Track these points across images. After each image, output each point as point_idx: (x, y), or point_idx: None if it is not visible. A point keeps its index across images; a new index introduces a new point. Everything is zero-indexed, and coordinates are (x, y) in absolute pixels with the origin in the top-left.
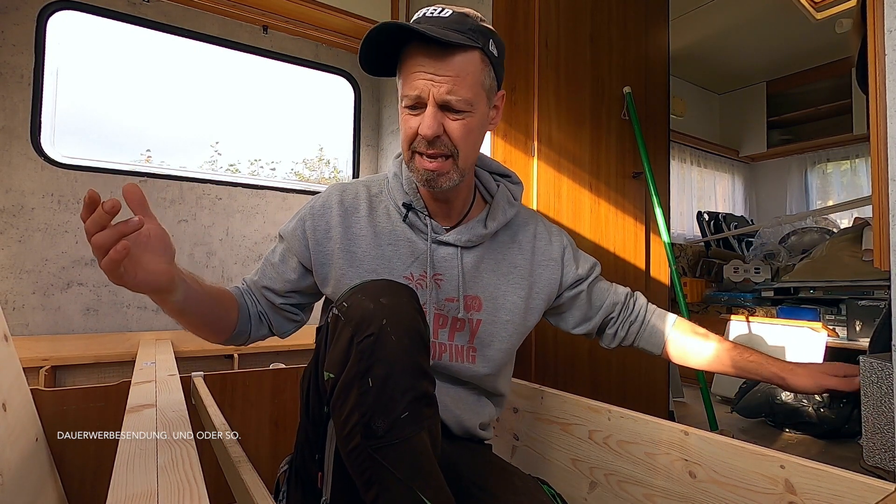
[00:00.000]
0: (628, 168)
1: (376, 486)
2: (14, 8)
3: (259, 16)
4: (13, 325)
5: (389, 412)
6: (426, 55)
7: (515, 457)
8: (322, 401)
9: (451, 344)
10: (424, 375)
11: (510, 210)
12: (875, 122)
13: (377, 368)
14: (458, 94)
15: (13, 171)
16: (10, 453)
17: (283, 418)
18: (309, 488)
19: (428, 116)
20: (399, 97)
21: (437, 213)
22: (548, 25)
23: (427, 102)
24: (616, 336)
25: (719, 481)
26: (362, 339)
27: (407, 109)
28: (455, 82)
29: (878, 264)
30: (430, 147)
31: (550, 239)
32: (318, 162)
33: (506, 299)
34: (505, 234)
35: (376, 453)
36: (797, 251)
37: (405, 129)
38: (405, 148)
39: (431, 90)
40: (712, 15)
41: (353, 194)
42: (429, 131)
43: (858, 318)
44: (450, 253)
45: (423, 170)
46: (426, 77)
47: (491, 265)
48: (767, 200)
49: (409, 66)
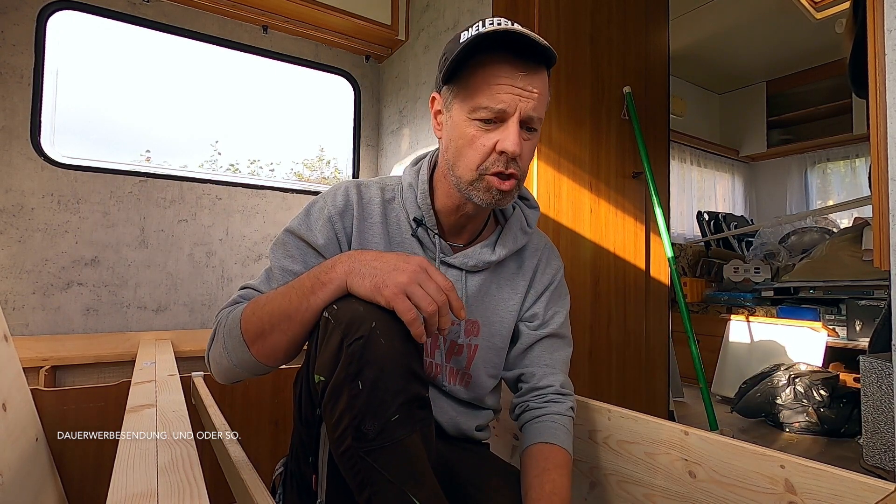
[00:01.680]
0: (628, 168)
1: (369, 488)
2: (14, 8)
3: (259, 16)
4: (13, 325)
5: (380, 415)
6: (516, 67)
7: (515, 457)
8: (314, 403)
9: (448, 366)
10: (416, 378)
11: (522, 238)
12: (875, 122)
13: (367, 371)
14: (539, 113)
15: (13, 171)
16: (10, 453)
17: (283, 418)
18: (304, 490)
19: (513, 133)
20: (461, 107)
21: (452, 230)
22: (548, 25)
23: (511, 118)
24: (518, 418)
25: (719, 481)
26: (352, 342)
27: (479, 123)
28: (539, 100)
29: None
30: (510, 167)
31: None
32: (318, 162)
33: (502, 325)
34: (512, 261)
35: (368, 456)
36: (797, 251)
37: (476, 145)
38: (471, 167)
39: (519, 105)
40: (712, 15)
41: (368, 197)
42: (517, 148)
43: (858, 318)
44: (454, 276)
45: (496, 191)
46: (514, 91)
47: (493, 290)
48: (767, 200)
49: (494, 76)
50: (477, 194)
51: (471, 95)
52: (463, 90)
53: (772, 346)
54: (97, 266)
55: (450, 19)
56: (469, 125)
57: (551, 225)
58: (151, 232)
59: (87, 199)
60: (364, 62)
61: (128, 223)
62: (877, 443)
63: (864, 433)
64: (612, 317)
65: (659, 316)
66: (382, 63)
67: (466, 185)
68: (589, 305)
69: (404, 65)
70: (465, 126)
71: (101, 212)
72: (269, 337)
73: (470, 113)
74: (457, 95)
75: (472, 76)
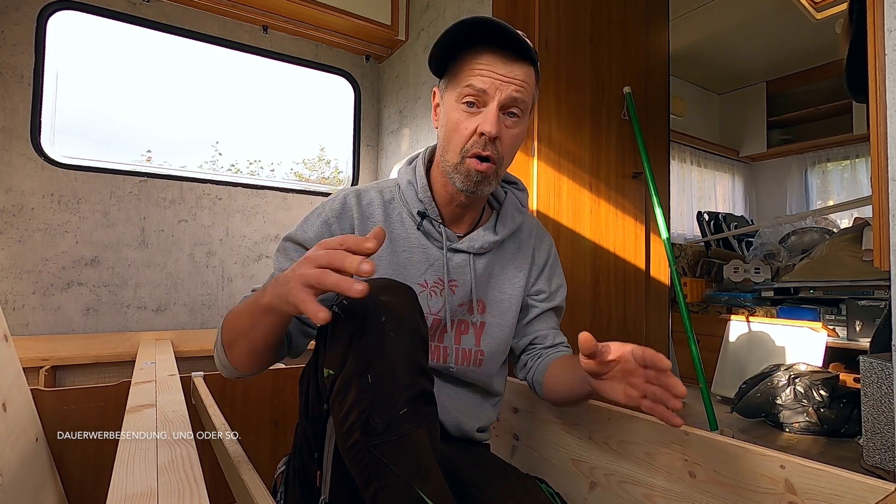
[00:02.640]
0: (628, 168)
1: (376, 482)
2: (14, 8)
3: (259, 16)
4: (13, 325)
5: (388, 409)
6: (496, 56)
7: (515, 457)
8: (322, 398)
9: (458, 347)
10: (423, 373)
11: (518, 217)
12: (875, 122)
13: (377, 365)
14: (521, 99)
15: (13, 171)
16: (10, 453)
17: (283, 418)
18: (307, 488)
19: (491, 114)
20: (450, 95)
21: (452, 220)
22: (548, 26)
23: (491, 101)
24: (526, 366)
25: (719, 481)
26: (362, 337)
27: (464, 107)
28: (520, 86)
29: (878, 264)
30: (487, 148)
31: (541, 245)
32: (319, 162)
33: (510, 303)
34: (511, 241)
35: (375, 450)
36: (797, 251)
37: (460, 128)
38: (456, 150)
39: (500, 88)
40: (712, 15)
41: (367, 200)
42: (492, 129)
43: (858, 318)
44: (463, 259)
45: (473, 171)
46: (495, 76)
47: (498, 270)
48: (767, 200)
49: (476, 63)
50: (458, 178)
51: (458, 81)
52: (452, 79)
53: (772, 346)
54: (97, 266)
55: (450, 19)
56: (456, 110)
57: (551, 225)
58: (151, 232)
59: (87, 199)
60: (364, 62)
61: (128, 223)
62: (877, 443)
63: (864, 433)
64: (613, 317)
65: (659, 316)
66: (382, 63)
67: (452, 169)
68: (589, 305)
69: (404, 65)
70: (452, 111)
71: (101, 212)
72: (236, 345)
73: (457, 99)
74: (448, 85)
75: (458, 65)
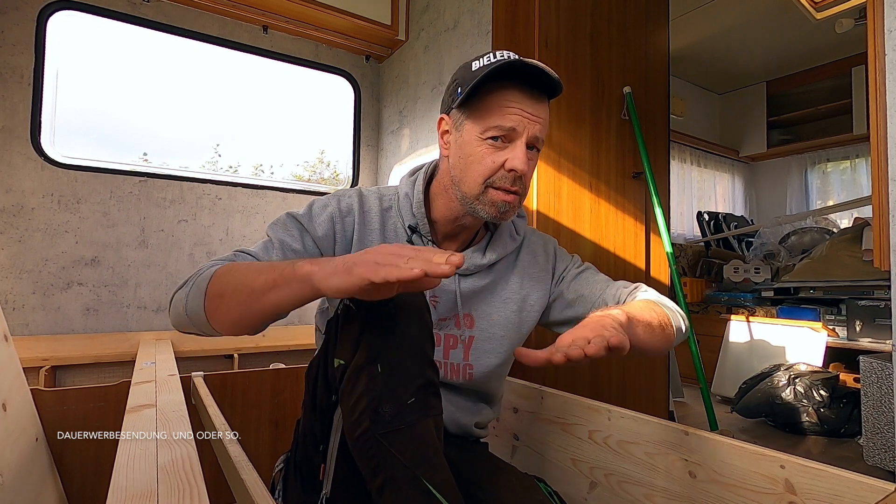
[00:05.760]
0: (628, 168)
1: (383, 472)
2: (14, 8)
3: (259, 16)
4: (13, 325)
5: (397, 398)
6: (524, 94)
7: (515, 456)
8: (330, 389)
9: (447, 362)
10: (430, 364)
11: (511, 244)
12: (875, 122)
13: (387, 355)
14: (543, 136)
15: (13, 171)
16: (10, 453)
17: (283, 418)
18: (308, 482)
19: (521, 152)
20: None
21: (447, 236)
22: (548, 25)
23: (519, 138)
24: None
25: (719, 481)
26: (373, 328)
27: (489, 141)
28: (543, 125)
29: (878, 264)
30: (515, 184)
31: (543, 249)
32: (319, 163)
33: (500, 316)
34: (502, 261)
35: (384, 439)
36: (797, 251)
37: (485, 161)
38: (477, 181)
39: (528, 127)
40: (712, 15)
41: (368, 206)
42: (524, 167)
43: (858, 318)
44: (448, 279)
45: (501, 202)
46: (524, 115)
47: (487, 286)
48: (767, 200)
49: (505, 101)
50: (483, 208)
51: (483, 117)
52: (475, 112)
53: (772, 346)
54: (97, 266)
55: (450, 19)
56: (480, 144)
57: (551, 225)
58: (151, 232)
59: (87, 199)
60: (364, 62)
61: (128, 223)
62: (877, 443)
63: (864, 433)
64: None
65: None
66: (382, 63)
67: (472, 199)
68: None
69: (404, 65)
70: (476, 145)
71: (101, 212)
72: (225, 300)
73: (482, 133)
74: (469, 117)
75: (485, 100)
